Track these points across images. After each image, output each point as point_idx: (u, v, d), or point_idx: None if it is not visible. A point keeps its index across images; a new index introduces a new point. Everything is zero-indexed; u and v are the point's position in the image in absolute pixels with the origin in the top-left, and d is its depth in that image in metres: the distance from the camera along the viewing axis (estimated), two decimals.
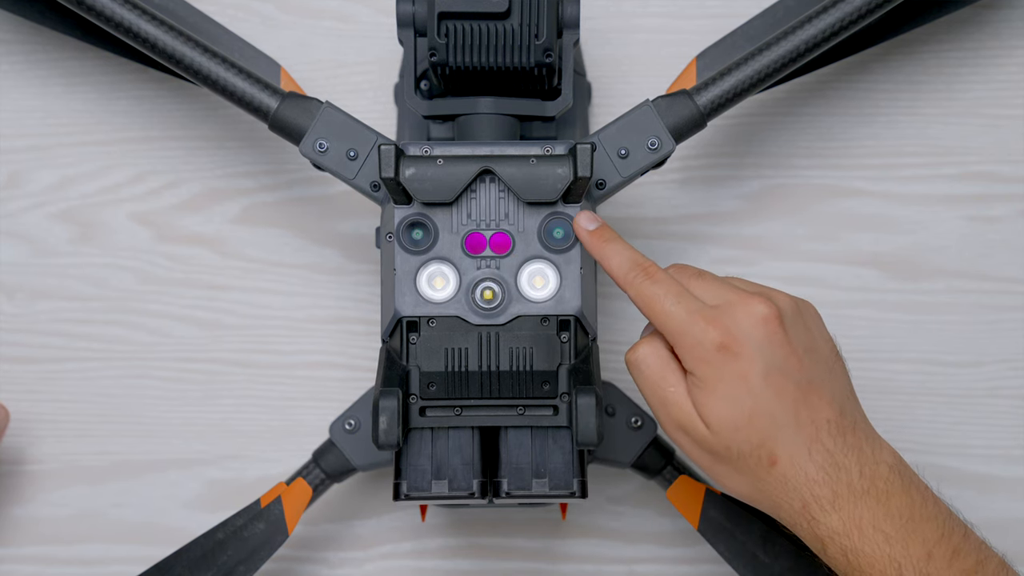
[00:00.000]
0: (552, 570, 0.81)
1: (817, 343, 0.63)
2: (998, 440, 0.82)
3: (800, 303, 0.64)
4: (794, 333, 0.62)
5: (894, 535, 0.60)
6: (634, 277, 0.63)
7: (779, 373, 0.61)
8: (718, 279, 0.64)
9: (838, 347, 0.64)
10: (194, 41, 0.72)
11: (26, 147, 0.84)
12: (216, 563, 0.72)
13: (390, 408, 0.65)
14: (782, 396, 0.60)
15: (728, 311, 0.61)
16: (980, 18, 0.84)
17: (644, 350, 0.63)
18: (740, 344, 0.60)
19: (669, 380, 0.62)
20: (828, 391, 0.62)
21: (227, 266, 0.83)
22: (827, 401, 0.61)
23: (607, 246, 0.65)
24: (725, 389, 0.60)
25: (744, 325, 0.61)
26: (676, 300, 0.62)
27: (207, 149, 0.84)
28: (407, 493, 0.67)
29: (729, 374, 0.60)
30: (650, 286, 0.63)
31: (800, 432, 0.61)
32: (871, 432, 0.63)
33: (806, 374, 0.61)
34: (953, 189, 0.83)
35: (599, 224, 0.66)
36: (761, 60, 0.71)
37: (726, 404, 0.60)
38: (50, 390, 0.82)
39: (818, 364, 0.62)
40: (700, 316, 0.61)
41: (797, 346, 0.61)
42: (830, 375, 0.63)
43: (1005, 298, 0.82)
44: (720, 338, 0.60)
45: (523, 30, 0.69)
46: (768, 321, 0.61)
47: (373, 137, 0.71)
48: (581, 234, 0.66)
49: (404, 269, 0.68)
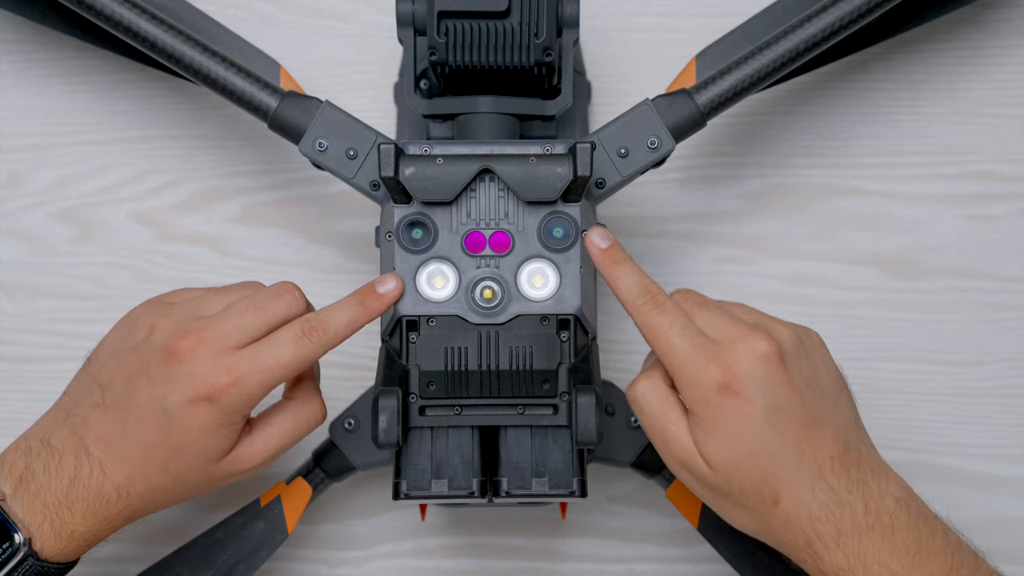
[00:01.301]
0: (552, 569, 0.81)
1: (821, 377, 0.62)
2: (998, 440, 0.82)
3: (803, 335, 0.63)
4: (796, 370, 0.61)
5: (900, 571, 0.59)
6: (642, 304, 0.63)
7: (781, 412, 0.60)
8: (721, 309, 0.63)
9: (844, 375, 0.64)
10: (194, 40, 0.72)
11: (26, 146, 0.84)
12: (216, 562, 0.72)
13: (390, 407, 0.65)
14: (784, 435, 0.60)
15: (730, 348, 0.60)
16: (980, 17, 0.84)
17: (645, 386, 0.63)
18: (741, 383, 0.60)
19: (670, 418, 0.62)
20: (832, 426, 0.61)
21: (227, 265, 0.83)
22: (830, 437, 0.61)
23: (617, 267, 0.64)
24: (726, 429, 0.60)
25: (745, 364, 0.60)
26: (681, 333, 0.61)
27: (207, 148, 0.84)
28: (407, 492, 0.67)
29: (730, 414, 0.60)
30: (657, 316, 0.62)
31: (803, 470, 0.60)
32: (877, 463, 0.62)
33: (809, 411, 0.60)
34: (953, 188, 0.83)
35: (611, 243, 0.65)
36: (761, 59, 0.71)
37: (727, 443, 0.60)
38: (50, 390, 0.82)
39: (822, 399, 0.61)
40: (703, 353, 0.60)
41: (799, 383, 0.61)
42: (834, 409, 0.62)
43: (1005, 297, 0.82)
44: (721, 377, 0.60)
45: (523, 29, 0.69)
46: (769, 359, 0.60)
47: (373, 136, 0.71)
48: (593, 251, 0.65)
49: (404, 268, 0.68)
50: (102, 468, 0.63)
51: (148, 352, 0.64)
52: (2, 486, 0.63)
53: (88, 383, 0.66)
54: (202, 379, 0.62)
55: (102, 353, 0.67)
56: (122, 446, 0.63)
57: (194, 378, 0.63)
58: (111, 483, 0.63)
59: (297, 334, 0.64)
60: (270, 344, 0.64)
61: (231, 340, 0.64)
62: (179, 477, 0.64)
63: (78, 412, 0.65)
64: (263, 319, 0.65)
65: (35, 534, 0.62)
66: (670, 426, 0.62)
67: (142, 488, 0.64)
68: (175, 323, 0.65)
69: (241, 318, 0.64)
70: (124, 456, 0.63)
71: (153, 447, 0.63)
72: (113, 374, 0.65)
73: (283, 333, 0.64)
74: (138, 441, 0.63)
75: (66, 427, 0.64)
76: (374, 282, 0.68)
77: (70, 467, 0.63)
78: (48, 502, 0.63)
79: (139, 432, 0.63)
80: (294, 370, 0.64)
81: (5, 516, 0.62)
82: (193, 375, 0.63)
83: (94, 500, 0.63)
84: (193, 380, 0.63)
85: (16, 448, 0.65)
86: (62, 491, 0.63)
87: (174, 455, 0.64)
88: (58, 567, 0.64)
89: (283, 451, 0.67)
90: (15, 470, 0.63)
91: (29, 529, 0.62)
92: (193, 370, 0.63)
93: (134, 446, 0.63)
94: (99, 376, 0.65)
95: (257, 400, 0.64)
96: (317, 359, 0.65)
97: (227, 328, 0.64)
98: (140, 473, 0.64)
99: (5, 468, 0.63)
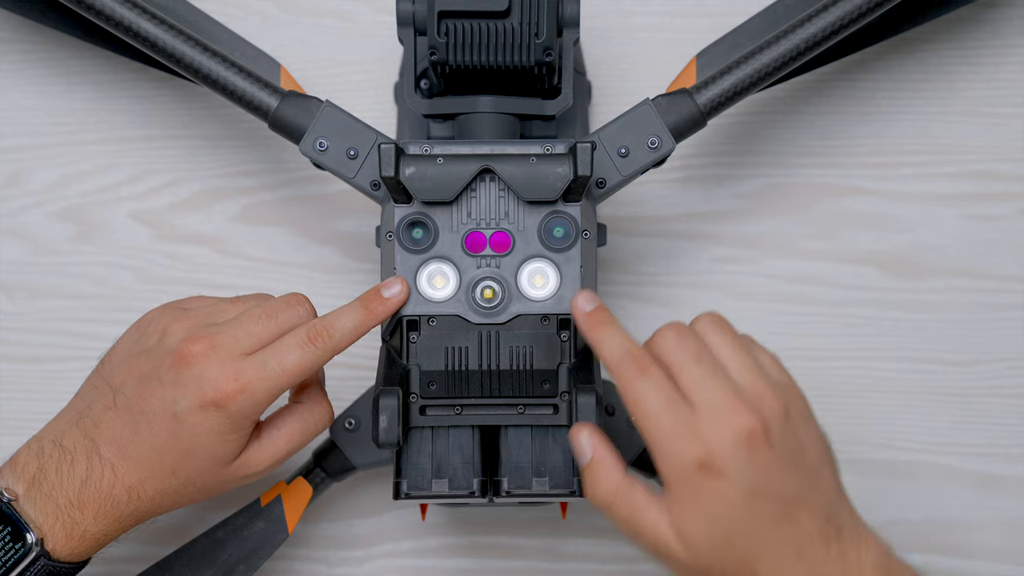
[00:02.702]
0: (552, 569, 0.81)
1: (805, 451, 0.60)
2: (998, 439, 0.82)
3: (791, 403, 0.61)
4: (781, 446, 0.59)
5: None
6: (625, 369, 0.60)
7: (762, 494, 0.58)
8: (714, 367, 0.60)
9: (828, 442, 0.62)
10: (194, 40, 0.72)
11: (26, 146, 0.84)
12: (216, 562, 0.72)
13: (390, 407, 0.65)
14: (764, 516, 0.58)
15: (712, 423, 0.58)
16: (980, 17, 0.84)
17: (606, 487, 0.60)
18: (722, 463, 0.58)
19: (639, 507, 0.60)
20: (813, 502, 0.59)
21: (227, 265, 0.83)
22: (811, 513, 0.59)
23: (601, 330, 0.62)
24: (704, 507, 0.58)
25: (727, 442, 0.58)
26: (664, 405, 0.59)
27: (207, 148, 0.84)
28: (407, 492, 0.67)
29: (709, 493, 0.58)
30: (640, 382, 0.60)
31: (782, 548, 0.58)
32: (857, 531, 0.60)
33: (791, 489, 0.59)
34: (953, 187, 0.83)
35: (596, 305, 0.63)
36: (761, 59, 0.71)
37: (705, 522, 0.58)
38: (50, 390, 0.82)
39: (804, 475, 0.59)
40: (684, 428, 0.58)
41: (783, 461, 0.59)
42: (817, 483, 0.60)
43: (1005, 296, 0.82)
44: (702, 456, 0.58)
45: (523, 29, 0.69)
46: (752, 439, 0.58)
47: (373, 136, 0.71)
48: (577, 315, 0.63)
49: (404, 268, 0.68)
50: (113, 470, 0.64)
51: (160, 355, 0.64)
52: (15, 487, 0.63)
53: (100, 385, 0.66)
54: (211, 384, 0.63)
55: (115, 356, 0.67)
56: (133, 448, 0.64)
57: (204, 383, 0.63)
58: (122, 485, 0.64)
59: (303, 340, 0.64)
60: (276, 350, 0.64)
61: (241, 346, 0.64)
62: (189, 480, 0.65)
63: (90, 414, 0.65)
64: (274, 327, 0.65)
65: (47, 534, 0.63)
66: (642, 522, 0.59)
67: (152, 490, 0.64)
68: (187, 328, 0.65)
69: (253, 325, 0.65)
70: (135, 458, 0.64)
71: (163, 450, 0.64)
72: (125, 376, 0.65)
73: (289, 339, 0.65)
74: (148, 444, 0.64)
75: (78, 429, 0.64)
76: (379, 286, 0.68)
77: (82, 469, 0.63)
78: (60, 503, 0.63)
79: (149, 435, 0.64)
80: (300, 376, 0.64)
81: (18, 516, 0.62)
82: (203, 379, 0.63)
83: (105, 501, 0.63)
84: (203, 384, 0.63)
85: (28, 449, 0.65)
86: (74, 492, 0.63)
87: (184, 458, 0.64)
88: (70, 567, 0.64)
89: (291, 454, 0.67)
90: (28, 470, 0.64)
91: (41, 529, 0.63)
92: (203, 374, 0.63)
93: (145, 448, 0.64)
94: (111, 379, 0.66)
95: (265, 406, 0.64)
96: (323, 364, 0.66)
97: (239, 334, 0.64)
98: (150, 475, 0.64)
99: (18, 468, 0.64)
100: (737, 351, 0.61)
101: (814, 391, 0.83)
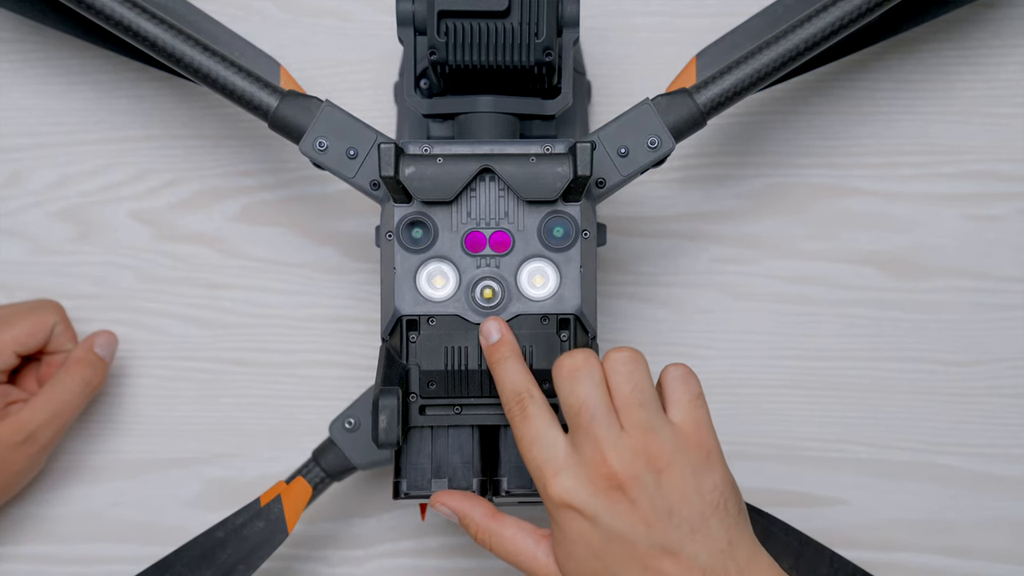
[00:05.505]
0: None
1: (681, 507, 0.60)
2: (998, 439, 0.82)
3: (675, 461, 0.61)
4: (646, 499, 0.60)
5: None
6: (510, 408, 0.63)
7: (622, 540, 0.60)
8: (604, 417, 0.61)
9: (724, 494, 0.61)
10: (194, 40, 0.72)
11: (26, 146, 0.84)
12: (216, 562, 0.72)
13: (390, 407, 0.65)
14: (627, 561, 0.60)
15: (576, 471, 0.61)
16: (980, 17, 0.84)
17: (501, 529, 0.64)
18: (583, 505, 0.60)
19: (527, 555, 0.63)
20: (688, 554, 0.60)
21: (227, 265, 0.83)
22: (684, 566, 0.59)
23: (497, 366, 0.65)
24: (571, 546, 0.61)
25: (586, 490, 0.60)
26: (540, 447, 0.62)
27: (207, 148, 0.84)
28: (407, 492, 0.67)
29: (574, 532, 0.61)
30: (520, 424, 0.63)
31: None
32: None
33: (658, 539, 0.60)
34: (953, 188, 0.83)
35: (499, 338, 0.66)
36: (761, 59, 0.71)
37: (574, 560, 0.61)
38: None
39: (677, 529, 0.60)
40: (549, 470, 0.61)
41: (648, 512, 0.60)
42: (694, 537, 0.60)
43: (1005, 297, 0.82)
44: (564, 498, 0.60)
45: (523, 28, 0.69)
46: (612, 490, 0.60)
47: (373, 136, 0.71)
48: (481, 341, 0.66)
49: (404, 268, 0.68)
50: None
51: None
52: None
53: None
54: None
55: None
56: None
57: None
58: None
59: None
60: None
61: None
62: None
63: None
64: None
65: None
66: (535, 556, 0.63)
67: None
68: None
69: None
70: None
71: None
72: None
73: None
74: None
75: None
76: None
77: None
78: None
79: None
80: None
81: None
82: None
83: None
84: None
85: None
86: None
87: None
88: None
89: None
90: None
91: None
92: None
93: None
94: None
95: None
96: None
97: None
98: None
99: None
100: (631, 407, 0.62)
101: (814, 391, 0.83)
